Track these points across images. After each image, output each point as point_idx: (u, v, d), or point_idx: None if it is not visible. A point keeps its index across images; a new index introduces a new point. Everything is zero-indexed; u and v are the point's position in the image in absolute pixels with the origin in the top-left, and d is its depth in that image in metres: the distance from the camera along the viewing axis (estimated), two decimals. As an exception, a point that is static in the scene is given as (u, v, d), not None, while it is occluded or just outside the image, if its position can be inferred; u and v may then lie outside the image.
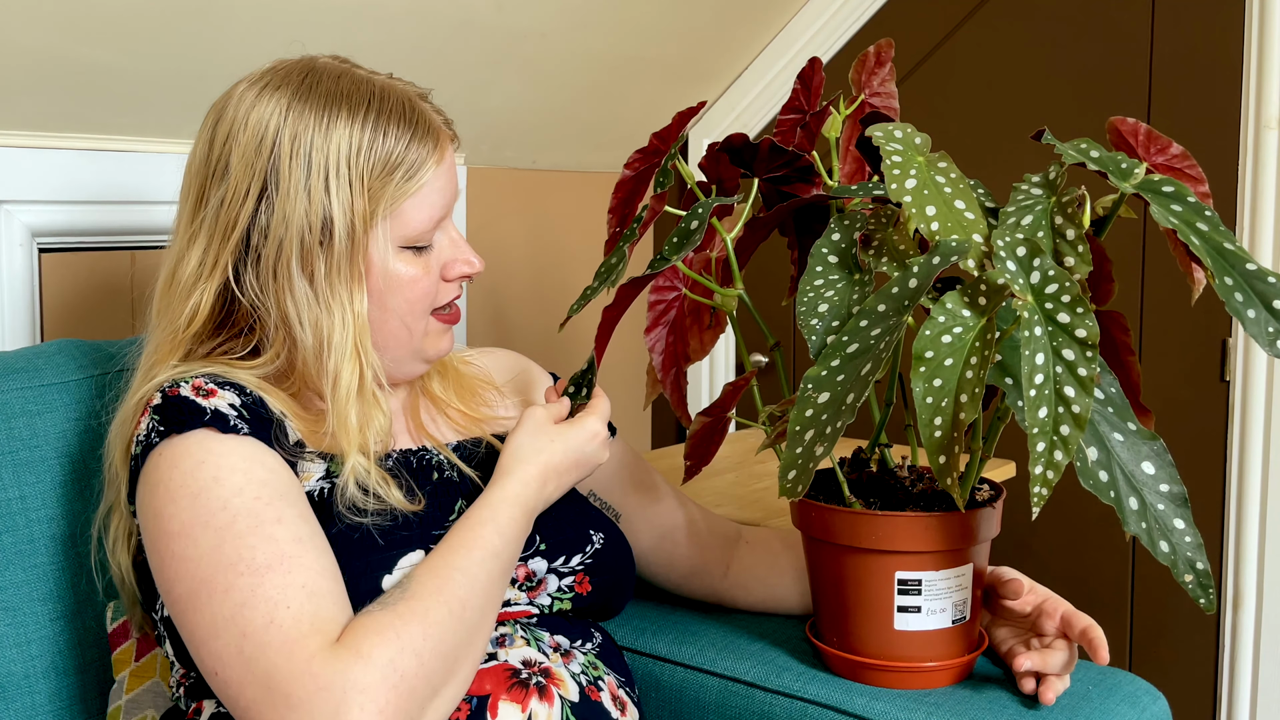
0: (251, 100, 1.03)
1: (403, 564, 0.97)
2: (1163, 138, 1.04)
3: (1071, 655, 1.08)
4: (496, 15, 1.74)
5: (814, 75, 1.17)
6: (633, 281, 1.07)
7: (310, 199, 1.00)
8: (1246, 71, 1.82)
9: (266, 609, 0.87)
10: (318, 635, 0.86)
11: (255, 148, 1.01)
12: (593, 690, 1.02)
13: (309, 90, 1.02)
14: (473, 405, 1.18)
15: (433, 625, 0.89)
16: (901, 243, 1.00)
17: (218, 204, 1.02)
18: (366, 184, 1.01)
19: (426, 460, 1.10)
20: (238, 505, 0.91)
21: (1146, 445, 0.92)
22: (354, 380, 1.01)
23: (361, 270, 1.02)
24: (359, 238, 1.01)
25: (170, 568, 0.91)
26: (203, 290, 1.03)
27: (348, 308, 1.01)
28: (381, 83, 1.06)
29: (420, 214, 1.04)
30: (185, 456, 0.94)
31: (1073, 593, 1.25)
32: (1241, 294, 0.90)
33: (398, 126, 1.03)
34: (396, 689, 0.85)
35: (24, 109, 1.38)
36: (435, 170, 1.05)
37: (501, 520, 0.99)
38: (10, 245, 1.40)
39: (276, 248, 1.00)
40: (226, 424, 0.96)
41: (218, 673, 0.88)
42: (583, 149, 2.21)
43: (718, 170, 1.12)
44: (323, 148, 1.00)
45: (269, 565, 0.89)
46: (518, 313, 2.14)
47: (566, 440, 1.07)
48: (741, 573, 1.27)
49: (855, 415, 0.88)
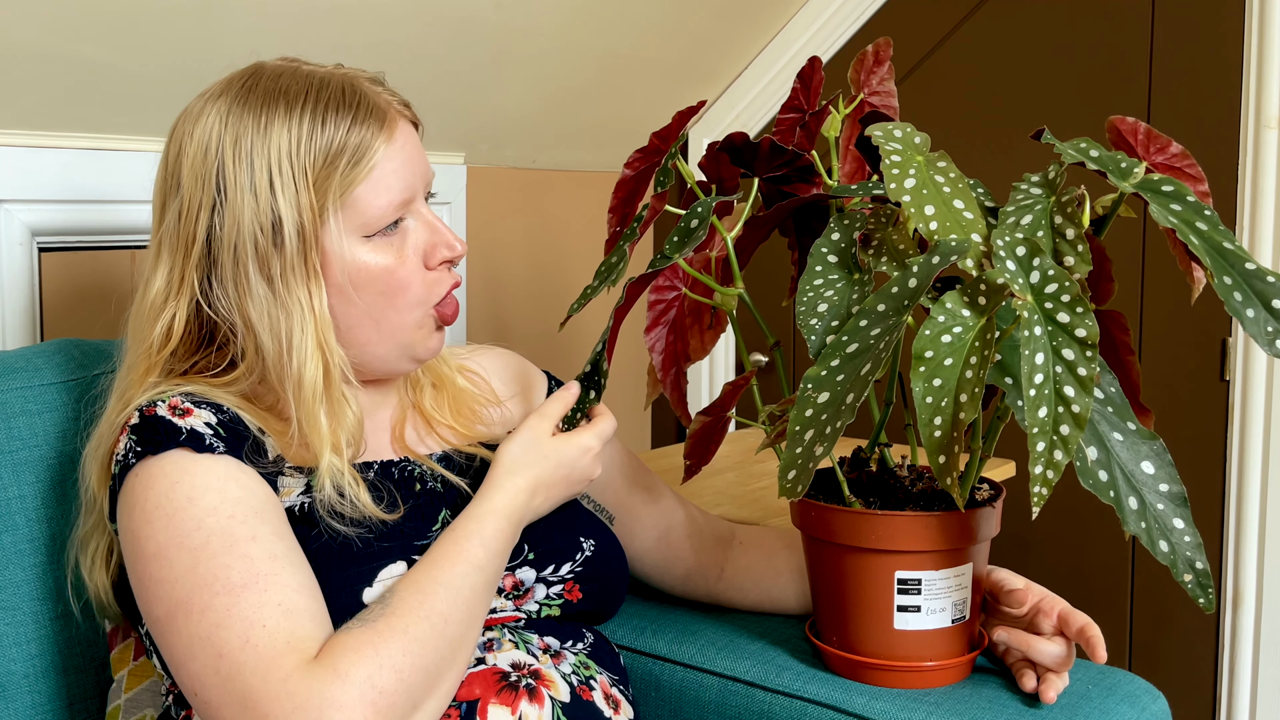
0: (197, 112, 1.02)
1: (383, 576, 0.96)
2: (1162, 137, 1.04)
3: (1069, 653, 1.08)
4: (496, 15, 1.74)
5: (813, 74, 1.17)
6: (640, 279, 1.07)
7: (258, 200, 0.99)
8: (1246, 71, 1.83)
9: (242, 629, 0.86)
10: (294, 654, 0.86)
11: (202, 158, 1.00)
12: (584, 690, 1.02)
13: (248, 93, 1.01)
14: (467, 424, 1.16)
15: (414, 640, 0.88)
16: (901, 242, 1.00)
17: (175, 219, 1.02)
18: (311, 178, 0.99)
19: (409, 471, 1.08)
20: (212, 525, 0.91)
21: (1146, 445, 0.92)
22: (318, 378, 0.99)
23: (317, 266, 1.00)
24: (309, 234, 0.99)
25: (149, 590, 0.91)
26: (173, 309, 1.02)
27: (306, 306, 1.00)
28: (323, 74, 1.04)
29: (376, 199, 1.01)
30: (161, 477, 0.94)
31: (1072, 592, 1.25)
32: (1241, 293, 0.90)
33: (336, 113, 1.00)
34: (375, 705, 0.84)
35: (23, 108, 1.38)
36: (386, 151, 1.02)
37: (487, 532, 0.98)
38: (10, 245, 1.40)
39: (234, 255, 0.99)
40: (202, 443, 0.96)
41: (197, 693, 0.88)
42: (583, 149, 2.21)
43: (718, 169, 1.12)
44: (263, 148, 0.99)
45: (244, 584, 0.88)
46: (517, 312, 2.14)
47: (559, 454, 1.06)
48: (737, 574, 1.27)
49: (855, 415, 0.88)
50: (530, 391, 1.24)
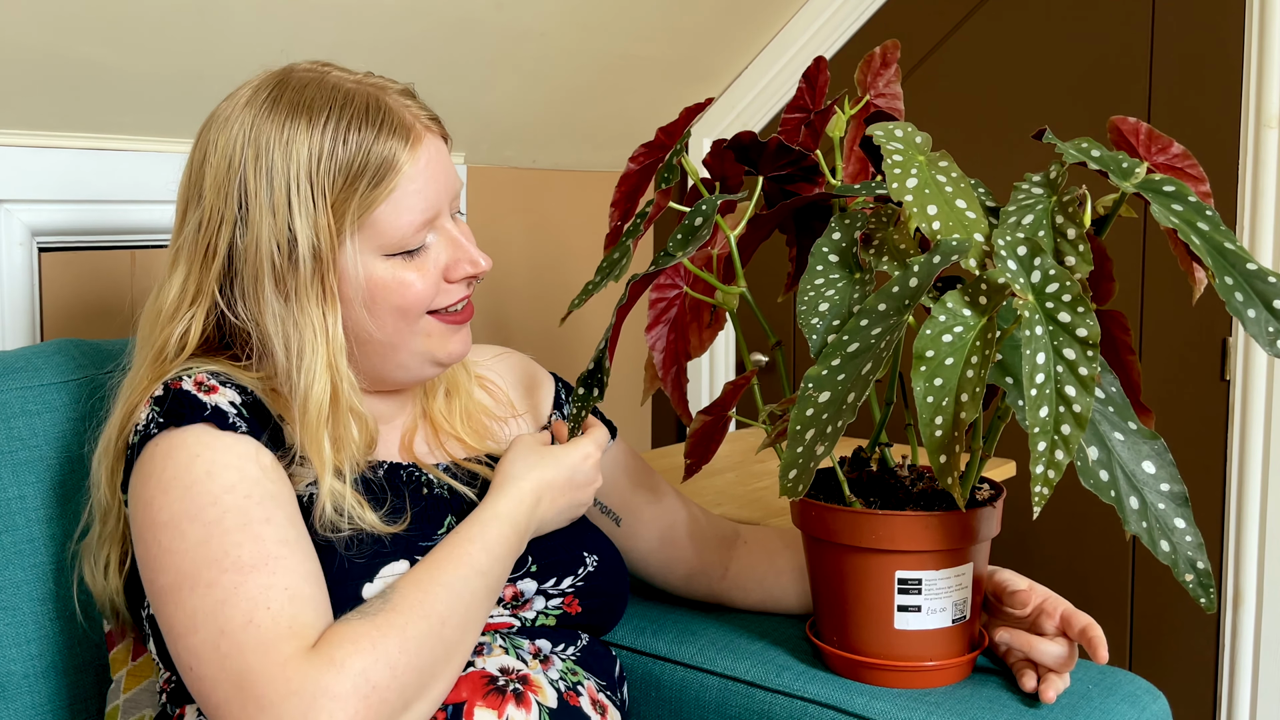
0: (224, 119, 1.01)
1: (385, 573, 0.96)
2: (1163, 137, 1.04)
3: (1071, 654, 1.08)
4: (496, 15, 1.73)
5: (819, 74, 1.17)
6: (643, 278, 1.07)
7: (275, 218, 0.97)
8: (1246, 71, 1.82)
9: (247, 608, 0.87)
10: (294, 639, 0.86)
11: (226, 170, 0.99)
12: (571, 695, 1.02)
13: (274, 104, 1.00)
14: (477, 437, 1.15)
15: (410, 639, 0.89)
16: (902, 242, 1.00)
17: (195, 228, 1.01)
18: (330, 198, 0.98)
19: (416, 476, 1.08)
20: (228, 502, 0.91)
21: (1147, 445, 0.92)
22: (324, 400, 0.98)
23: (333, 288, 0.99)
24: (325, 254, 0.98)
25: (155, 558, 0.91)
26: (189, 317, 1.01)
27: (319, 327, 0.99)
28: (349, 87, 1.01)
29: (398, 219, 1.00)
30: (181, 449, 0.94)
31: (1073, 592, 1.25)
32: (1241, 293, 0.90)
33: (359, 131, 0.98)
34: (367, 699, 0.84)
35: (24, 108, 1.38)
36: (409, 171, 1.00)
37: (490, 537, 0.98)
38: (10, 245, 1.40)
39: (254, 270, 0.99)
40: (225, 420, 0.96)
41: (193, 668, 0.88)
42: (583, 148, 2.21)
43: (722, 167, 1.12)
44: (283, 165, 0.98)
45: (253, 565, 0.89)
46: (517, 311, 2.14)
47: (559, 459, 1.06)
48: (740, 573, 1.27)
49: (856, 414, 0.88)
50: (536, 395, 1.24)
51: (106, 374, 1.18)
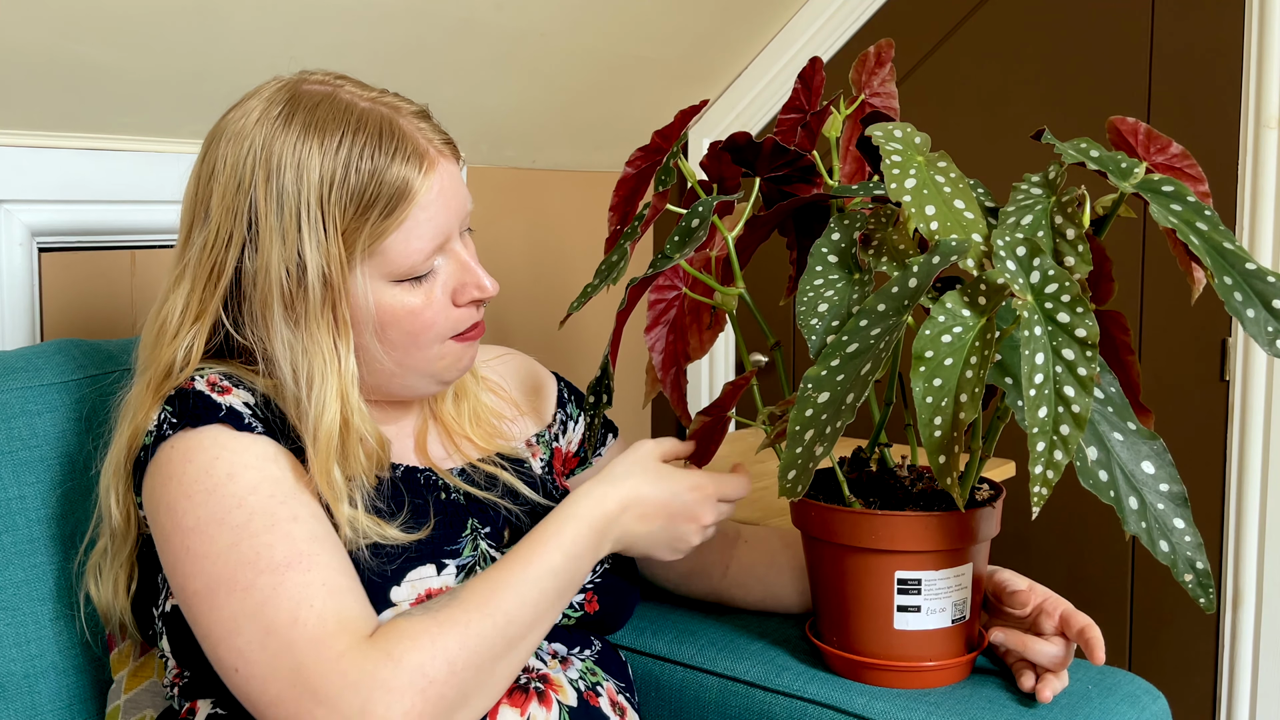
0: (233, 134, 0.99)
1: (412, 577, 0.96)
2: (1163, 137, 1.04)
3: (1067, 654, 1.08)
4: (496, 15, 1.73)
5: (814, 75, 1.17)
6: (642, 281, 1.07)
7: (285, 243, 0.96)
8: (1246, 71, 1.82)
9: (290, 607, 0.87)
10: (345, 633, 0.86)
11: (235, 190, 0.97)
12: (591, 695, 1.02)
13: (285, 123, 0.97)
14: (487, 438, 1.15)
15: (472, 635, 0.88)
16: (901, 242, 1.00)
17: (200, 247, 0.99)
18: (340, 226, 0.96)
19: (432, 480, 1.08)
20: (253, 503, 0.91)
21: (1146, 445, 0.92)
22: (335, 429, 0.97)
23: (346, 316, 0.98)
24: (336, 283, 0.96)
25: (185, 563, 0.91)
26: (192, 334, 1.00)
27: (330, 356, 0.98)
28: (363, 107, 0.99)
29: (408, 247, 0.99)
30: (200, 450, 0.94)
31: (1072, 593, 1.25)
32: (1241, 293, 0.90)
33: (372, 158, 0.96)
34: (424, 693, 0.85)
35: (24, 108, 1.38)
36: (423, 200, 0.99)
37: (566, 537, 0.97)
38: (10, 245, 1.40)
39: (263, 294, 0.97)
40: (241, 421, 0.96)
41: (239, 669, 0.88)
42: (583, 149, 2.21)
43: (719, 169, 1.12)
44: (294, 188, 0.96)
45: (288, 563, 0.89)
46: (517, 312, 2.14)
47: (662, 479, 1.03)
48: (741, 572, 1.27)
49: (855, 415, 0.88)
50: (539, 395, 1.24)
51: (107, 374, 1.18)
